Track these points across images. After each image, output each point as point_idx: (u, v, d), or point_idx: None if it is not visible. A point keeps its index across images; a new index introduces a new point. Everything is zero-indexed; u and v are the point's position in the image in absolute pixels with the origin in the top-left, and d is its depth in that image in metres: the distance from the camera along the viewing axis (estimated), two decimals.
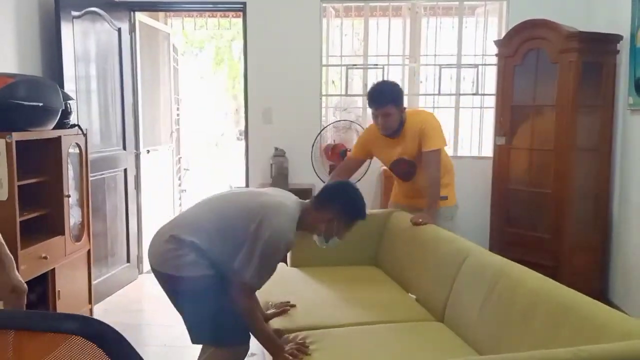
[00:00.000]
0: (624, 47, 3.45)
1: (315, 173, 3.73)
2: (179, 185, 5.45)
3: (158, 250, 2.09)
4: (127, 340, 1.02)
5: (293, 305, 2.40)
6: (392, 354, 2.01)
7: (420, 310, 2.44)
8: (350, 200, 2.18)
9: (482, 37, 4.28)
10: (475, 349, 1.98)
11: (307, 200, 2.26)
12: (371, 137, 3.05)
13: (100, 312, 3.66)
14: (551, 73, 3.49)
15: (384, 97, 2.91)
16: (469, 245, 2.37)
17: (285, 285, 2.66)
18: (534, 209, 3.54)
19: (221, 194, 2.34)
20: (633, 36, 3.30)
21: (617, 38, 3.45)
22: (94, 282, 3.51)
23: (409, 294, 2.59)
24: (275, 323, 2.31)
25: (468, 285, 2.18)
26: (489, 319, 1.97)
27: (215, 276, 2.04)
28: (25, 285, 2.06)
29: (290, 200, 2.16)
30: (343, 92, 4.39)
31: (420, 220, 2.78)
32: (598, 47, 3.49)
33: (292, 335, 2.15)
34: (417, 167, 2.95)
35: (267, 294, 2.39)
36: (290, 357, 1.99)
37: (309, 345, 2.05)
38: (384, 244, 3.04)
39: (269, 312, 2.37)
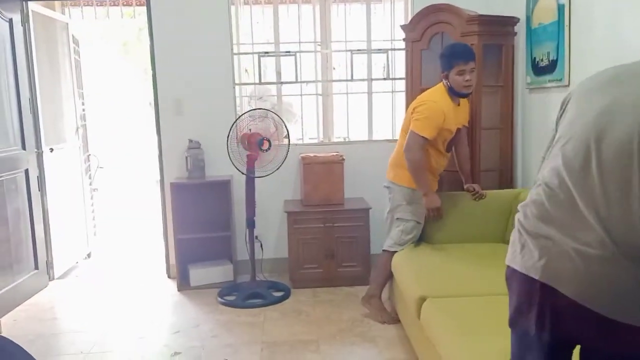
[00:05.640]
0: (520, 29, 3.64)
1: (232, 164, 3.66)
2: (90, 184, 5.18)
3: None
4: (27, 352, 0.96)
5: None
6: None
7: None
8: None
9: (390, 23, 4.37)
10: None
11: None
12: (443, 109, 3.07)
13: (9, 323, 3.43)
14: None
15: (472, 51, 3.12)
16: None
17: (419, 260, 3.06)
18: (445, 186, 3.66)
19: None
20: (528, 18, 3.49)
21: (514, 20, 3.63)
22: None
23: None
24: (416, 291, 2.61)
25: None
26: None
27: None
28: None
29: None
30: (257, 81, 4.34)
31: (476, 188, 3.28)
32: (497, 29, 3.64)
33: None
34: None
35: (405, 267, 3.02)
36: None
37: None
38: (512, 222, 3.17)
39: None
